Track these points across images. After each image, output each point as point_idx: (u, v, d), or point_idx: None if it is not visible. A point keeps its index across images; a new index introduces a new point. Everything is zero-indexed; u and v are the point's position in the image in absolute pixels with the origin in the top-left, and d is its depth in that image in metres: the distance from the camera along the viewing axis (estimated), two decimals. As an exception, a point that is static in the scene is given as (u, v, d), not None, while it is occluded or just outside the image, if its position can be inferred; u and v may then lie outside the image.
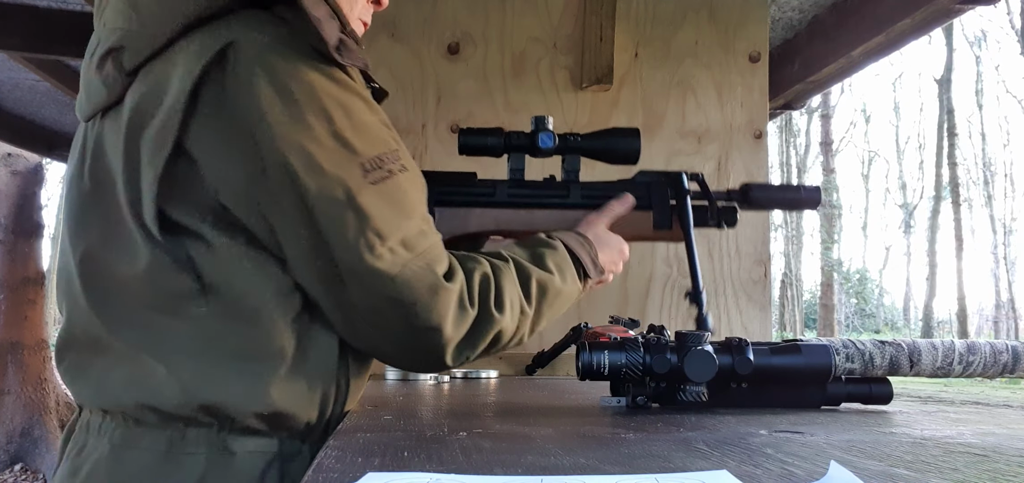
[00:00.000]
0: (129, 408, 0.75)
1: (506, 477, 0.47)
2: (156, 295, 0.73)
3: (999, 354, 0.88)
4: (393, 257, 0.72)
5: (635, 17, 1.88)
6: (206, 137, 0.71)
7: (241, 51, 0.70)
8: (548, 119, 1.04)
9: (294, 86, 0.71)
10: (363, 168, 0.72)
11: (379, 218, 0.72)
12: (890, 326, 24.24)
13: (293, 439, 0.77)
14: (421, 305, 0.74)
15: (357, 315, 0.75)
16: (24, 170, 5.15)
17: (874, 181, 29.11)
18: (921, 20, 1.86)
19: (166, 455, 0.73)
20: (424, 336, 0.75)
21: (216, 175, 0.71)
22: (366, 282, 0.72)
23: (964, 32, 19.67)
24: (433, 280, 0.74)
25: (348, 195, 0.71)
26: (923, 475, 0.49)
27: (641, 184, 1.07)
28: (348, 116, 0.73)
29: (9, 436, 4.95)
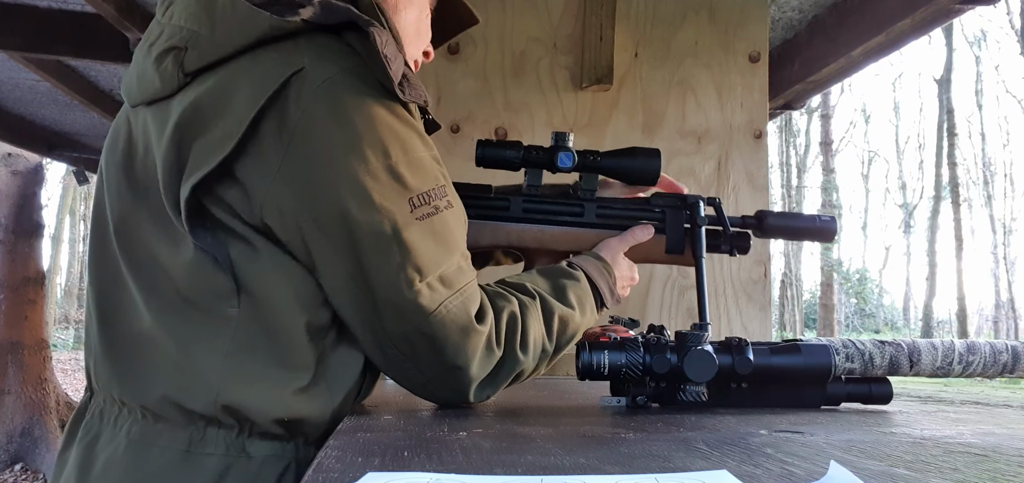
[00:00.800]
0: (152, 402, 0.75)
1: (506, 477, 0.47)
2: (194, 289, 0.74)
3: (999, 354, 0.88)
4: (431, 293, 0.74)
5: (635, 17, 1.88)
6: (261, 159, 0.72)
7: (307, 80, 0.71)
8: (569, 136, 1.03)
9: (356, 118, 0.72)
10: (412, 204, 0.74)
11: (421, 254, 0.74)
12: (890, 326, 24.24)
13: (308, 445, 0.78)
14: (451, 344, 0.76)
15: (389, 344, 0.77)
16: (24, 170, 5.15)
17: (874, 181, 29.14)
18: (921, 20, 1.86)
19: (185, 455, 0.74)
20: (451, 373, 0.78)
21: (264, 196, 0.72)
22: (401, 315, 0.74)
23: (964, 32, 19.69)
24: (466, 321, 0.77)
25: (395, 229, 0.72)
26: (923, 475, 0.49)
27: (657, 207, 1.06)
28: (405, 151, 0.74)
29: (9, 436, 4.96)
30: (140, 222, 0.77)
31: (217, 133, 0.71)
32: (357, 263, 0.73)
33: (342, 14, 0.74)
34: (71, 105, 3.63)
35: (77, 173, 5.39)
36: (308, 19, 0.73)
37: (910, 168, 24.49)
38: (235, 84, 0.72)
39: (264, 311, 0.74)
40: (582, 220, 1.03)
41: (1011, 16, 16.87)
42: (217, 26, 0.74)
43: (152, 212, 0.76)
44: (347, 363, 0.79)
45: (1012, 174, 21.92)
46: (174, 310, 0.75)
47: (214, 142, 0.71)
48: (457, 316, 0.76)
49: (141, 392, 0.75)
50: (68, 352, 15.13)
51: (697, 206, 1.04)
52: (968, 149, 21.14)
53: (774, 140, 19.09)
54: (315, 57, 0.72)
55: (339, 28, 0.75)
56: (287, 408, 0.74)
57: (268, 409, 0.74)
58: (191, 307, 0.74)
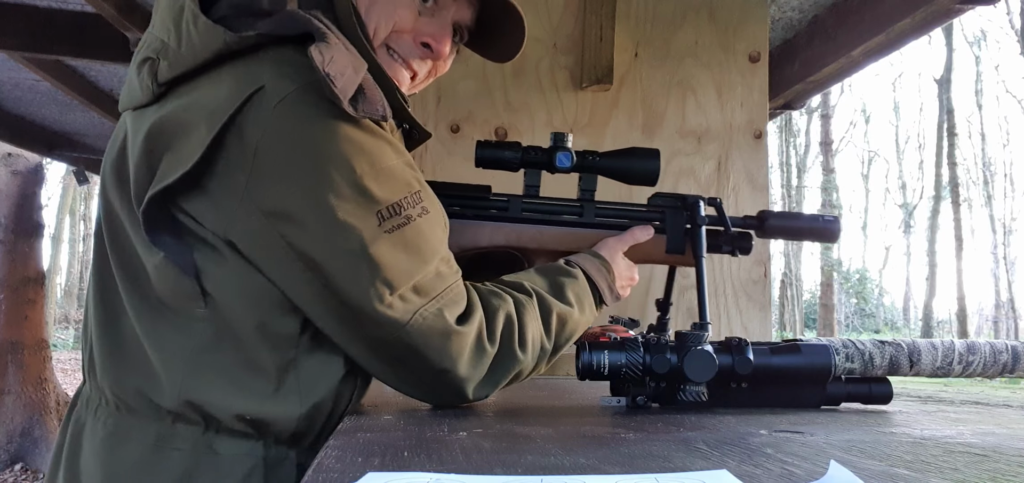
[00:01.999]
0: (126, 394, 0.77)
1: (506, 477, 0.47)
2: (165, 290, 0.76)
3: (999, 354, 0.88)
4: (404, 305, 0.74)
5: (635, 17, 1.88)
6: (227, 177, 0.72)
7: (265, 99, 0.71)
8: (568, 136, 1.03)
9: (318, 136, 0.71)
10: (380, 217, 0.73)
11: (390, 267, 0.73)
12: (890, 326, 24.24)
13: (279, 445, 0.79)
14: (433, 349, 0.76)
15: (376, 353, 0.77)
16: (24, 170, 5.15)
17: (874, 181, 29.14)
18: (921, 20, 1.86)
19: (154, 448, 0.76)
20: (441, 377, 0.78)
21: (231, 215, 0.72)
22: (378, 329, 0.74)
23: (964, 32, 19.69)
24: (443, 326, 0.76)
25: (362, 246, 0.72)
26: (923, 475, 0.49)
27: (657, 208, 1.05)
28: (371, 163, 0.73)
29: (9, 436, 4.96)
30: (125, 223, 0.79)
31: (183, 149, 0.72)
32: (326, 281, 0.72)
33: (300, 25, 0.73)
34: (71, 105, 3.63)
35: (77, 173, 5.39)
36: (265, 33, 0.73)
37: (910, 168, 24.52)
38: (200, 101, 0.73)
39: (228, 315, 0.75)
40: (582, 220, 1.03)
41: (1011, 16, 16.87)
42: (182, 40, 0.75)
43: (133, 214, 0.78)
44: (322, 369, 0.79)
45: (1012, 174, 21.92)
46: (150, 308, 0.77)
47: (180, 157, 0.72)
48: (433, 323, 0.76)
49: (117, 383, 0.78)
50: (68, 352, 15.13)
51: (697, 206, 1.04)
52: (968, 149, 21.15)
53: (774, 140, 19.09)
54: (275, 74, 0.72)
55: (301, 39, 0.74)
56: (249, 408, 0.75)
57: (229, 406, 0.75)
58: (164, 306, 0.76)
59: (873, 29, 1.93)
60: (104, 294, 0.81)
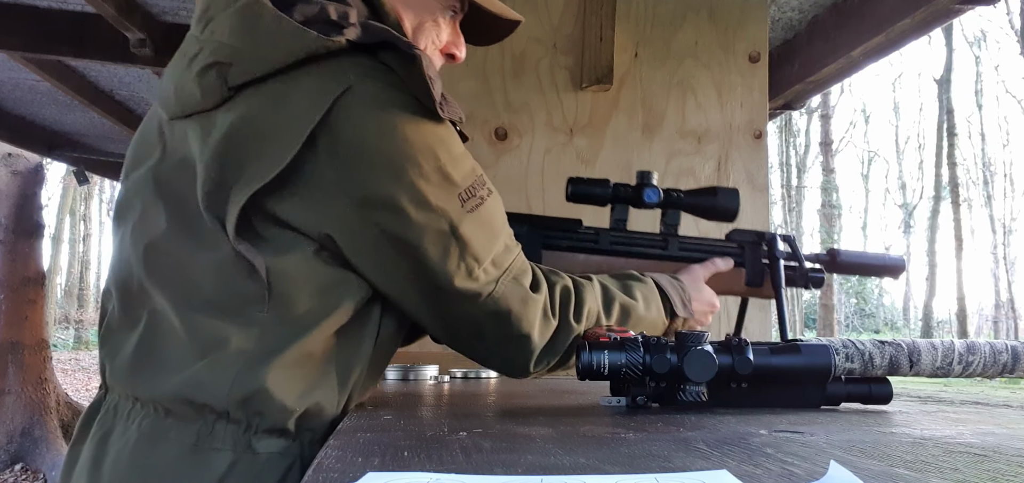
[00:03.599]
0: (164, 398, 0.77)
1: (506, 477, 0.47)
2: (223, 293, 0.76)
3: (999, 354, 0.88)
4: (487, 277, 0.81)
5: (635, 17, 1.88)
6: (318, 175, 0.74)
7: (356, 96, 0.75)
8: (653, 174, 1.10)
9: (406, 128, 0.76)
10: (461, 199, 0.79)
11: (475, 244, 0.79)
12: (890, 326, 24.25)
13: (314, 444, 0.79)
14: (515, 315, 0.83)
15: (457, 326, 0.84)
16: (24, 170, 5.15)
17: (874, 181, 29.13)
18: (921, 20, 1.86)
19: (193, 449, 0.75)
20: (516, 344, 0.84)
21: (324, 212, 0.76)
22: (467, 301, 0.80)
23: (964, 32, 19.69)
24: (523, 293, 0.84)
25: (452, 226, 0.78)
26: (923, 475, 0.49)
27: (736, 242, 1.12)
28: (449, 151, 0.79)
29: (9, 436, 4.96)
30: (168, 228, 0.79)
31: (272, 148, 0.74)
32: (421, 264, 0.78)
33: (381, 35, 0.78)
34: (71, 105, 3.63)
35: (77, 173, 5.39)
36: (352, 40, 0.77)
37: (910, 168, 24.48)
38: (285, 100, 0.75)
39: (290, 314, 0.76)
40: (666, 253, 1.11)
41: (1011, 16, 16.87)
42: (262, 42, 0.76)
43: (180, 220, 0.78)
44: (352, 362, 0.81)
45: (1012, 174, 21.92)
46: (200, 313, 0.77)
47: (268, 156, 0.74)
48: (513, 289, 0.83)
49: (156, 388, 0.77)
50: (68, 352, 15.13)
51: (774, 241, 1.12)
52: (968, 149, 21.14)
53: (774, 140, 19.09)
54: (361, 75, 0.76)
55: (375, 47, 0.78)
56: (301, 402, 0.77)
57: (285, 403, 0.76)
58: (217, 310, 0.76)
59: (873, 29, 1.93)
60: (137, 304, 0.81)
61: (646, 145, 1.88)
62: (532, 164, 1.85)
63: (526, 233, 1.06)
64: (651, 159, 1.88)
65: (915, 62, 28.53)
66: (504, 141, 1.84)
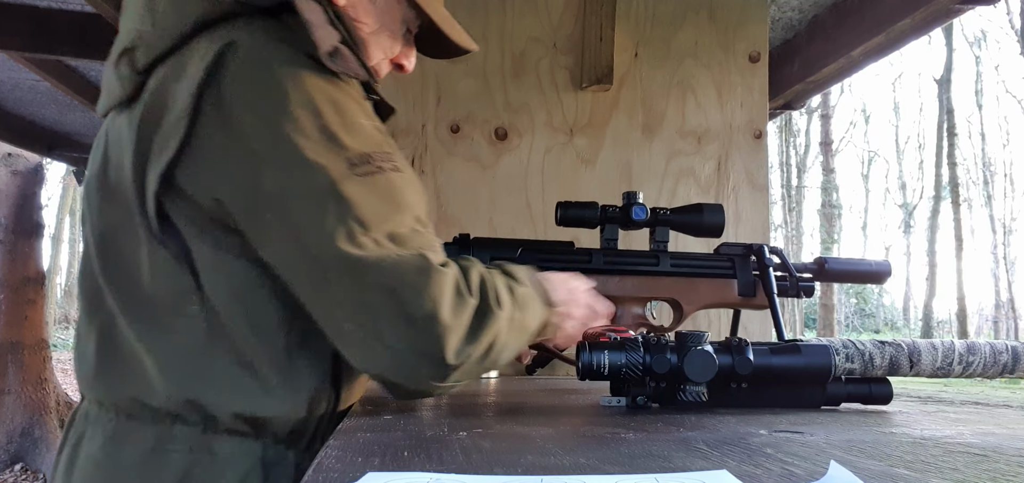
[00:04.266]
0: (122, 401, 0.77)
1: (506, 477, 0.47)
2: (162, 290, 0.76)
3: (999, 354, 0.88)
4: (378, 249, 0.69)
5: (635, 17, 1.88)
6: (207, 137, 0.72)
7: (238, 50, 0.72)
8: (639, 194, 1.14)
9: (285, 82, 0.72)
10: (349, 162, 0.71)
11: (362, 208, 0.70)
12: (890, 326, 24.24)
13: (277, 444, 0.78)
14: (410, 287, 0.69)
15: (346, 318, 0.71)
16: (24, 170, 5.15)
17: (874, 181, 29.13)
18: (921, 20, 1.86)
19: (153, 451, 0.75)
20: (420, 329, 0.70)
21: (215, 175, 0.73)
22: (348, 273, 0.69)
23: (964, 32, 19.67)
24: (422, 263, 0.71)
25: (330, 183, 0.69)
26: (923, 475, 0.49)
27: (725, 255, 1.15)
28: (339, 113, 0.73)
29: (9, 436, 4.96)
30: (113, 227, 0.79)
31: (169, 121, 0.72)
32: (298, 226, 0.70)
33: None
34: (71, 105, 3.63)
35: (77, 173, 5.39)
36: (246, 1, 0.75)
37: (910, 168, 24.46)
38: (178, 70, 0.74)
39: (220, 309, 0.75)
40: (658, 269, 1.13)
41: (1011, 16, 16.86)
42: (159, 19, 0.76)
43: (123, 216, 0.77)
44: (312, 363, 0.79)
45: (1012, 174, 21.90)
46: (143, 311, 0.76)
47: (168, 131, 0.72)
48: (411, 260, 0.70)
49: (115, 392, 0.78)
50: (68, 352, 15.11)
51: (762, 251, 1.14)
52: (968, 149, 21.13)
53: (774, 140, 19.08)
54: (247, 33, 0.74)
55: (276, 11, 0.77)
56: (246, 405, 0.75)
57: (228, 404, 0.75)
58: (157, 307, 0.76)
59: (873, 29, 1.93)
60: (94, 309, 0.81)
61: (646, 145, 1.88)
62: (532, 164, 1.85)
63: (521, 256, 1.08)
64: (651, 159, 1.88)
65: (915, 62, 28.54)
66: (504, 141, 1.84)
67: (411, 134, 1.82)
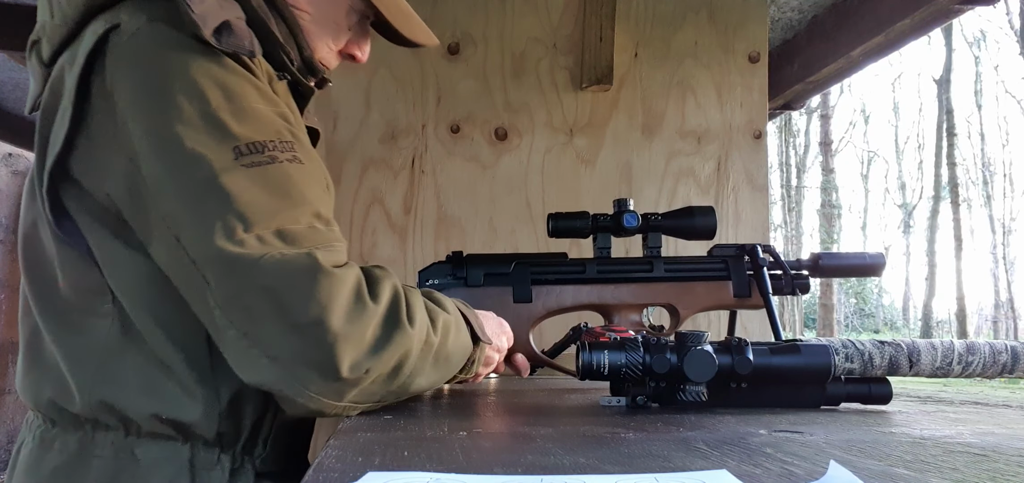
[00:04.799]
0: (45, 406, 0.75)
1: (506, 477, 0.47)
2: (73, 292, 0.73)
3: (998, 354, 0.88)
4: (261, 246, 0.63)
5: (635, 17, 1.88)
6: (93, 126, 0.69)
7: (121, 34, 0.69)
8: (629, 201, 1.13)
9: (167, 66, 0.67)
10: (236, 151, 0.65)
11: (245, 202, 0.64)
12: (889, 326, 24.24)
13: (208, 448, 0.75)
14: (295, 290, 0.63)
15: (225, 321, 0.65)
16: (25, 170, 5.15)
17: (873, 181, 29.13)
18: (921, 20, 1.86)
19: (77, 456, 0.74)
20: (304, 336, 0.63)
21: (103, 165, 0.69)
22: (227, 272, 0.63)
23: (963, 32, 19.68)
24: (310, 263, 0.64)
25: (211, 175, 0.64)
26: (922, 475, 0.49)
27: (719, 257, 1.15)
28: (228, 99, 0.67)
29: (10, 436, 4.96)
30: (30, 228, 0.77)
31: (61, 110, 0.70)
32: (176, 223, 0.65)
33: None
34: (71, 105, 3.63)
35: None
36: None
37: (909, 168, 24.46)
38: (71, 58, 0.71)
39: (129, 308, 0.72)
40: (652, 275, 1.13)
41: (1011, 16, 16.87)
42: (56, 9, 0.74)
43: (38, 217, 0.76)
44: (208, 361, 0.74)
45: (1011, 174, 21.90)
46: (58, 313, 0.74)
47: (59, 121, 0.70)
48: (297, 260, 0.64)
49: (37, 397, 0.76)
50: (68, 352, 15.03)
51: (755, 251, 1.14)
52: (967, 149, 21.13)
53: (774, 140, 19.09)
54: (131, 14, 0.69)
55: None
56: (163, 408, 0.72)
57: (143, 408, 0.72)
58: (71, 309, 0.74)
59: (872, 29, 1.93)
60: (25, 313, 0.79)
61: (646, 145, 1.88)
62: (532, 164, 1.85)
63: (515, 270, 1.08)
64: (651, 159, 1.88)
65: (915, 62, 28.53)
66: (504, 141, 1.84)
67: (411, 134, 1.82)
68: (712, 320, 1.82)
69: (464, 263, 1.09)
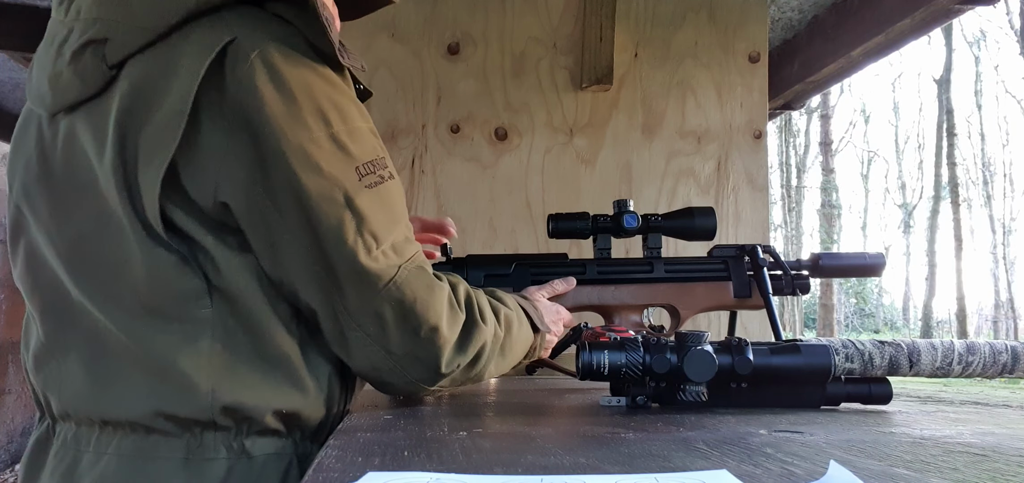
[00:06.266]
0: (141, 417, 0.72)
1: (506, 477, 0.47)
2: (159, 295, 0.71)
3: (998, 354, 0.88)
4: (387, 260, 0.73)
5: (635, 17, 1.88)
6: (208, 136, 0.69)
7: (241, 49, 0.69)
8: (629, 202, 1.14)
9: (293, 85, 0.70)
10: (358, 172, 0.72)
11: (375, 221, 0.72)
12: (889, 326, 24.24)
13: (305, 440, 0.78)
14: (421, 302, 0.74)
15: (353, 323, 0.74)
16: (24, 170, 5.16)
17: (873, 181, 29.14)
18: (921, 20, 1.86)
19: (185, 463, 0.72)
20: (424, 339, 0.75)
21: (218, 173, 0.70)
22: (364, 284, 0.72)
23: (963, 32, 19.68)
24: (428, 279, 0.76)
25: (346, 197, 0.71)
26: (922, 475, 0.49)
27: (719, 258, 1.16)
28: (344, 120, 0.73)
29: (10, 436, 4.96)
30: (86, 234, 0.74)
31: (162, 118, 0.69)
32: (313, 236, 0.71)
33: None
34: (71, 105, 3.63)
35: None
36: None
37: (910, 168, 24.46)
38: (169, 64, 0.70)
39: (235, 307, 0.72)
40: (652, 275, 1.13)
41: (1011, 16, 16.87)
42: (135, 9, 0.71)
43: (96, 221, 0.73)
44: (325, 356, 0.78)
45: (1012, 174, 21.89)
46: (143, 320, 0.72)
47: (161, 128, 0.68)
48: (419, 275, 0.75)
49: (127, 409, 0.72)
50: (68, 352, 15.02)
51: (755, 251, 1.14)
52: (967, 149, 21.12)
53: (774, 140, 19.08)
54: (245, 27, 0.70)
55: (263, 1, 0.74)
56: (284, 401, 0.74)
57: (266, 403, 0.73)
58: (159, 315, 0.71)
59: (873, 29, 1.93)
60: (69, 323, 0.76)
61: (646, 145, 1.88)
62: (532, 164, 1.85)
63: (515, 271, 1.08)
64: (651, 159, 1.88)
65: (915, 62, 28.56)
66: (504, 141, 1.84)
67: (411, 134, 1.82)
68: (712, 320, 1.82)
69: (466, 263, 1.09)
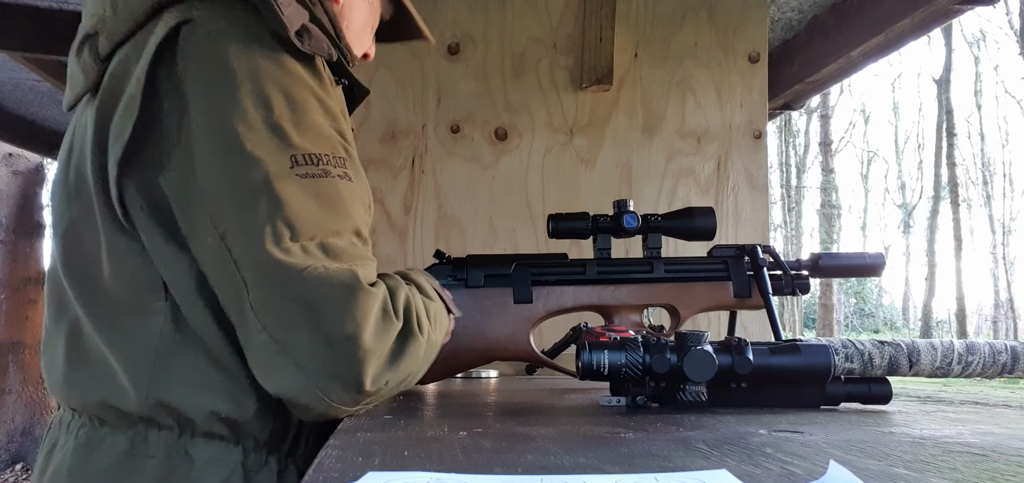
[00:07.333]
0: (93, 406, 0.74)
1: (506, 477, 0.47)
2: (124, 288, 0.72)
3: (998, 354, 0.88)
4: (305, 256, 0.65)
5: (635, 17, 1.88)
6: (162, 120, 0.69)
7: (193, 30, 0.69)
8: (629, 202, 1.14)
9: (238, 66, 0.68)
10: (293, 160, 0.66)
11: (296, 211, 0.65)
12: (889, 326, 24.23)
13: (259, 450, 0.75)
14: (334, 305, 0.64)
15: (259, 329, 0.65)
16: (25, 170, 5.15)
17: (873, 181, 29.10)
18: (920, 20, 1.86)
19: (127, 456, 0.72)
20: (338, 351, 0.65)
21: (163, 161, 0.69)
22: (268, 277, 0.64)
23: (963, 32, 19.68)
24: (350, 279, 0.65)
25: (265, 179, 0.65)
26: (922, 474, 0.49)
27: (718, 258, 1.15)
28: (292, 108, 0.68)
29: (10, 436, 4.96)
30: (75, 224, 0.76)
31: (124, 103, 0.69)
32: (223, 220, 0.66)
33: None
34: (71, 105, 3.62)
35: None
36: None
37: (909, 168, 24.44)
38: (137, 52, 0.71)
39: (184, 303, 0.71)
40: (652, 276, 1.13)
41: (1010, 16, 16.86)
42: (119, 3, 0.73)
43: (84, 211, 0.74)
44: None
45: (1011, 174, 21.88)
46: (106, 311, 0.73)
47: (122, 114, 0.69)
48: (338, 276, 0.65)
49: (84, 397, 0.74)
50: (68, 352, 15.04)
51: (755, 251, 1.14)
52: (967, 149, 21.11)
53: (774, 140, 19.08)
54: (205, 12, 0.70)
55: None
56: (222, 406, 0.72)
57: (202, 405, 0.71)
58: (121, 306, 0.72)
59: (872, 29, 1.93)
60: (61, 311, 0.78)
61: (646, 145, 1.88)
62: (532, 164, 1.85)
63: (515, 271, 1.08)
64: (651, 159, 1.88)
65: (915, 62, 28.54)
66: (504, 141, 1.84)
67: (411, 134, 1.82)
68: (712, 320, 1.82)
69: (464, 264, 1.09)
